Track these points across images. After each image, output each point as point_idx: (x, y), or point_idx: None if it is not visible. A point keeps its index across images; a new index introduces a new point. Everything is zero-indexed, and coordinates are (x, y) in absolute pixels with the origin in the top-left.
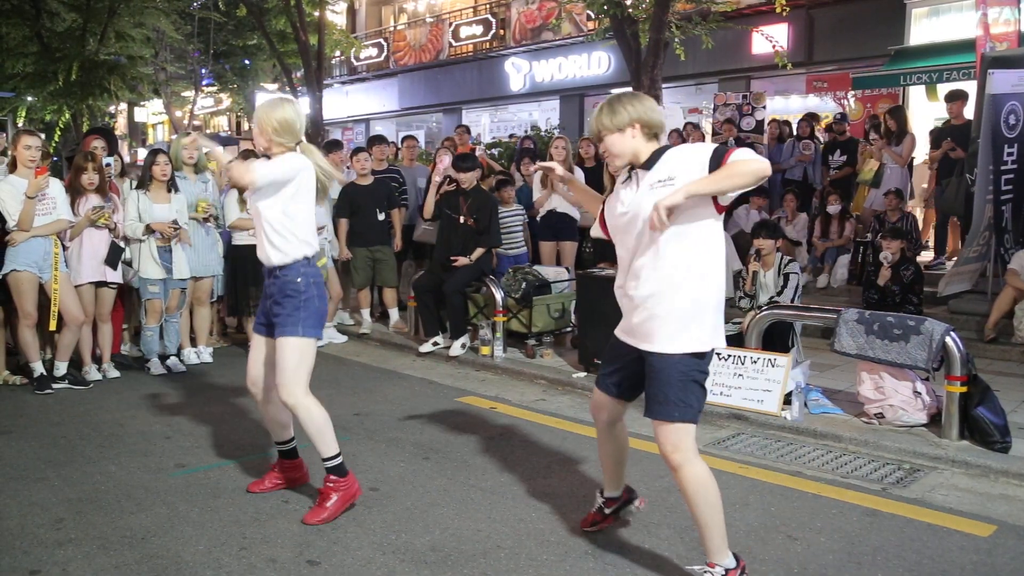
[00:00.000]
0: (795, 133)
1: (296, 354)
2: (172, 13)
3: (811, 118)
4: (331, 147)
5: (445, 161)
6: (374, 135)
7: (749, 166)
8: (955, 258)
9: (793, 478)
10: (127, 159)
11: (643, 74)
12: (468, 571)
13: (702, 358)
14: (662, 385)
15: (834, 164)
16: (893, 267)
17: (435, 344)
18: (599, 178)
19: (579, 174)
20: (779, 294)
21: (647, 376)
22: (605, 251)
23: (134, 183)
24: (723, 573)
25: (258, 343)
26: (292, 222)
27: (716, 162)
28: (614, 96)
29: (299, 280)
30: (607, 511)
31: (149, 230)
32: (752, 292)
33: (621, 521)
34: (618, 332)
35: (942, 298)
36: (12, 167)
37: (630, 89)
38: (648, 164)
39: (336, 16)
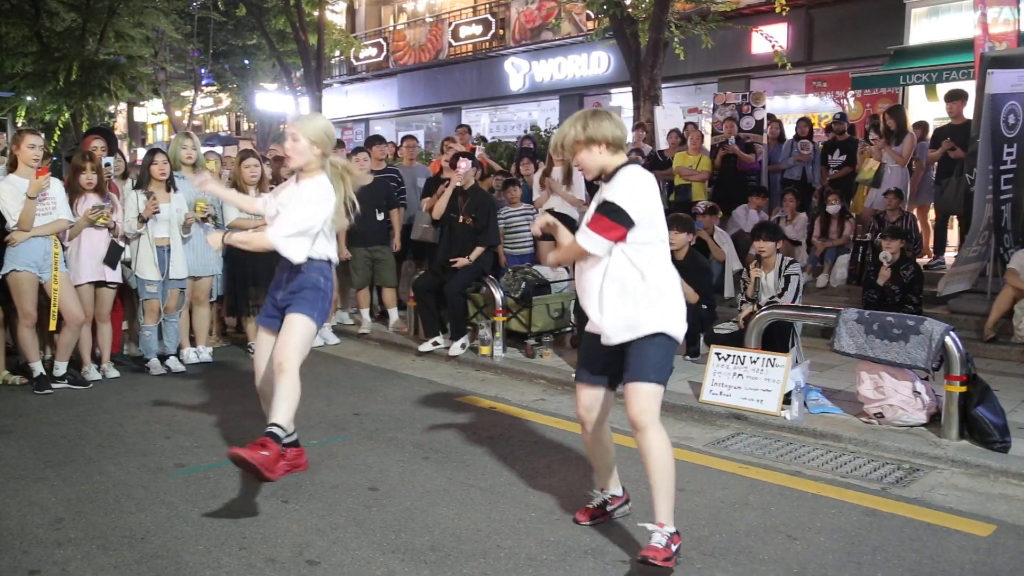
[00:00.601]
0: (795, 133)
1: (305, 331)
2: (172, 13)
3: (805, 123)
4: None
5: (463, 167)
6: (373, 135)
7: (573, 249)
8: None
9: (793, 478)
10: (127, 159)
11: (642, 74)
12: (468, 571)
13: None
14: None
15: (833, 164)
16: (893, 267)
17: (435, 344)
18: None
19: (578, 174)
20: (780, 295)
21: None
22: None
23: (135, 182)
24: (670, 534)
25: (265, 341)
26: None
27: (592, 215)
28: (581, 114)
29: (321, 279)
30: (609, 508)
31: (141, 219)
32: (754, 296)
33: (620, 520)
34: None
35: (942, 298)
36: (12, 167)
37: (594, 108)
38: (608, 179)
39: (336, 16)
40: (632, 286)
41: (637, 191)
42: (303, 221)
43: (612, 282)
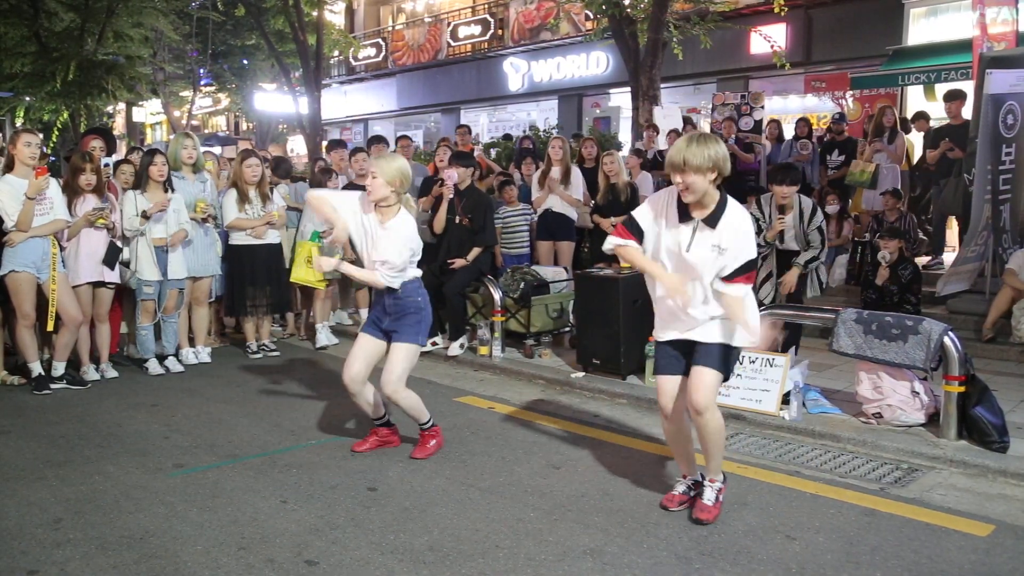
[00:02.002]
0: (794, 133)
1: (409, 356)
2: (170, 13)
3: (804, 123)
4: (333, 146)
5: (454, 176)
6: (374, 135)
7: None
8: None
9: (791, 478)
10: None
11: (641, 74)
12: (466, 571)
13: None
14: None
15: (832, 164)
16: (891, 267)
17: (433, 344)
18: (595, 178)
19: (577, 174)
20: (806, 250)
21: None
22: (603, 252)
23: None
24: (719, 486)
25: (365, 343)
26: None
27: (731, 277)
28: (703, 136)
29: (419, 299)
30: (693, 493)
31: (146, 216)
32: (776, 240)
33: (619, 520)
34: (670, 335)
35: (940, 298)
36: (8, 167)
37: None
38: (711, 221)
39: (334, 16)
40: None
41: (752, 232)
42: (404, 260)
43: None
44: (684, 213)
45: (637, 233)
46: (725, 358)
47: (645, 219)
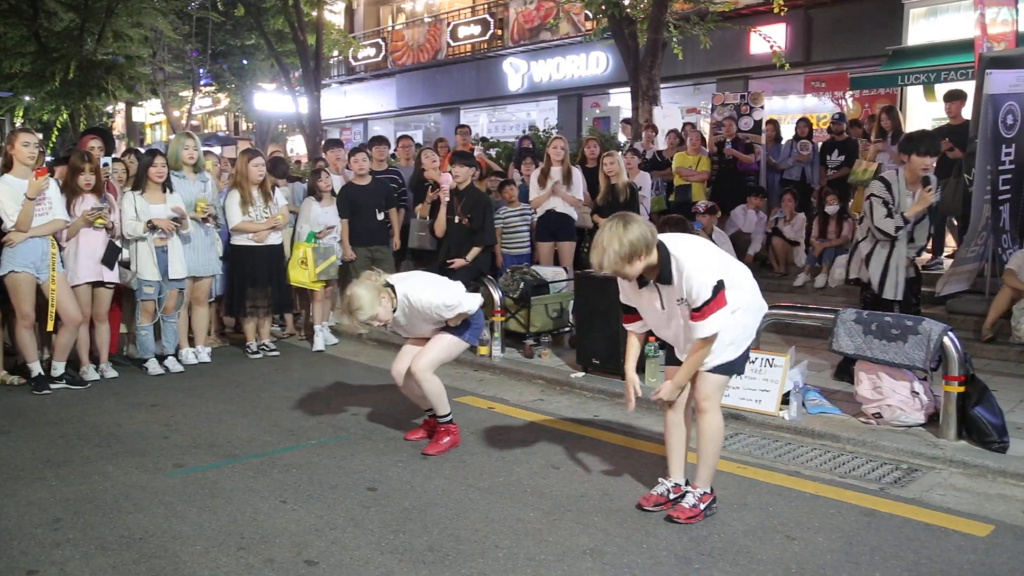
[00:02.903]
0: (794, 133)
1: (448, 348)
2: (170, 13)
3: (805, 123)
4: (330, 146)
5: (449, 179)
6: (375, 135)
7: (703, 354)
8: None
9: (791, 478)
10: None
11: (641, 74)
12: (466, 571)
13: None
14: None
15: (832, 164)
16: None
17: None
18: (597, 178)
19: (577, 174)
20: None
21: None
22: None
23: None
24: (701, 494)
25: (415, 341)
26: None
27: (699, 309)
28: (609, 238)
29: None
30: (672, 496)
31: (151, 226)
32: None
33: (619, 520)
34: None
35: (940, 298)
36: (7, 167)
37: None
38: (664, 280)
39: (334, 16)
40: None
41: (704, 259)
42: (451, 302)
43: None
44: (640, 280)
45: (631, 311)
46: (728, 366)
47: (627, 299)
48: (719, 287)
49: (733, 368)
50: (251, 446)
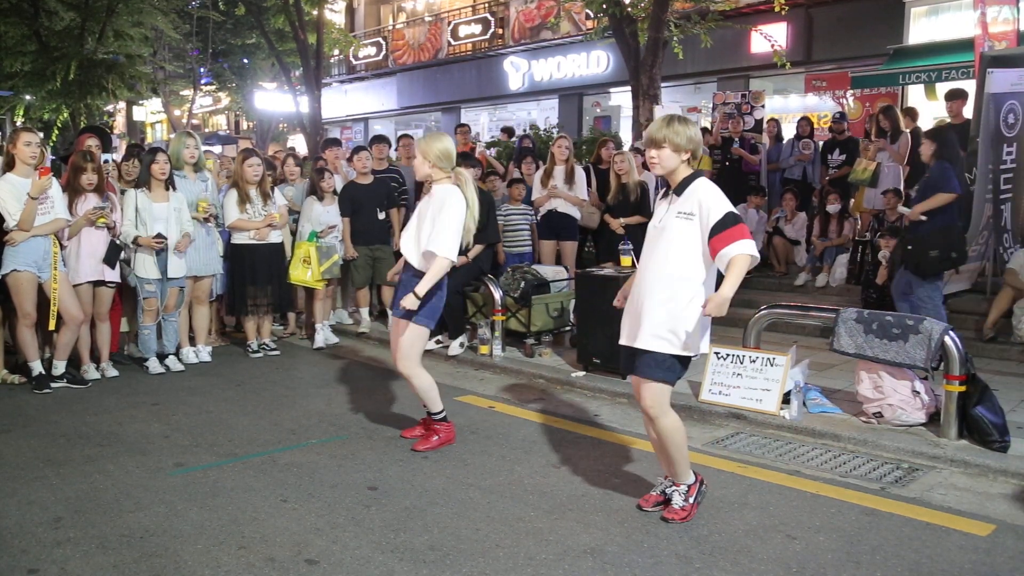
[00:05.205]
0: (796, 133)
1: (411, 339)
2: (170, 12)
3: (806, 122)
4: (329, 144)
5: None
6: (376, 135)
7: (745, 265)
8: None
9: (792, 477)
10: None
11: (642, 73)
12: (467, 570)
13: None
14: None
15: (833, 163)
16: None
17: (437, 342)
18: (607, 179)
19: (580, 173)
20: None
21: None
22: (607, 251)
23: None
24: (686, 488)
25: (398, 325)
26: None
27: (718, 230)
28: (679, 117)
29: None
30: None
31: (137, 243)
32: None
33: (619, 519)
34: (622, 339)
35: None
36: (8, 166)
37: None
38: (679, 190)
39: (335, 15)
40: None
41: (724, 200)
42: (452, 229)
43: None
44: (665, 192)
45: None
46: (669, 365)
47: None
48: (737, 219)
49: (673, 371)
50: (252, 445)
